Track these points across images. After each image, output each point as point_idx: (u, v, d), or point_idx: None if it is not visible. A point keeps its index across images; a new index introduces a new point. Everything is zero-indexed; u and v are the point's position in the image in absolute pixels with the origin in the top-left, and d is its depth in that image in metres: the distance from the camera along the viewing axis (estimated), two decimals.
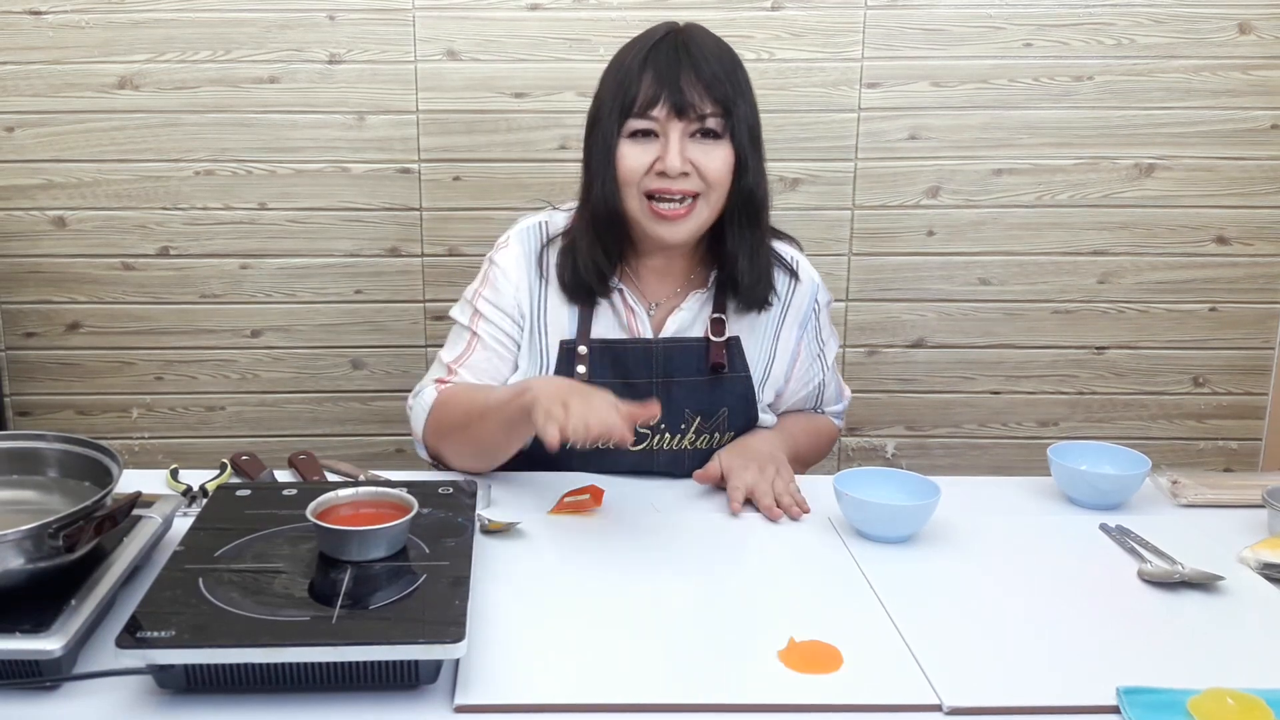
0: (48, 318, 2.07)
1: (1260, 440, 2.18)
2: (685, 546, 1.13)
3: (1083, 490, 1.26)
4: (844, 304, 2.09)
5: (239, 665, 0.83)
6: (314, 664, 0.83)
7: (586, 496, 1.22)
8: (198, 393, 2.12)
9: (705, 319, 1.36)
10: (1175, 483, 1.30)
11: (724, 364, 1.35)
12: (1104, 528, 1.19)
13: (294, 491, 1.11)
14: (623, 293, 1.35)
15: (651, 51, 1.25)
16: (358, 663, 0.83)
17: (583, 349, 1.33)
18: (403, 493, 1.03)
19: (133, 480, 1.08)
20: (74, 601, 0.88)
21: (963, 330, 2.12)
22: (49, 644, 0.82)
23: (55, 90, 1.95)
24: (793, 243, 1.44)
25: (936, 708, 0.85)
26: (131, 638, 0.82)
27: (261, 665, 0.83)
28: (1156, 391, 2.16)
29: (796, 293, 1.40)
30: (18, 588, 0.87)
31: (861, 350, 2.13)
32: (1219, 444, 2.19)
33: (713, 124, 1.25)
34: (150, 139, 1.98)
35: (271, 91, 1.97)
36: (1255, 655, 0.93)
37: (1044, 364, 2.14)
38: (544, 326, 1.35)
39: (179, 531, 1.03)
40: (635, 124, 1.25)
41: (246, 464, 1.32)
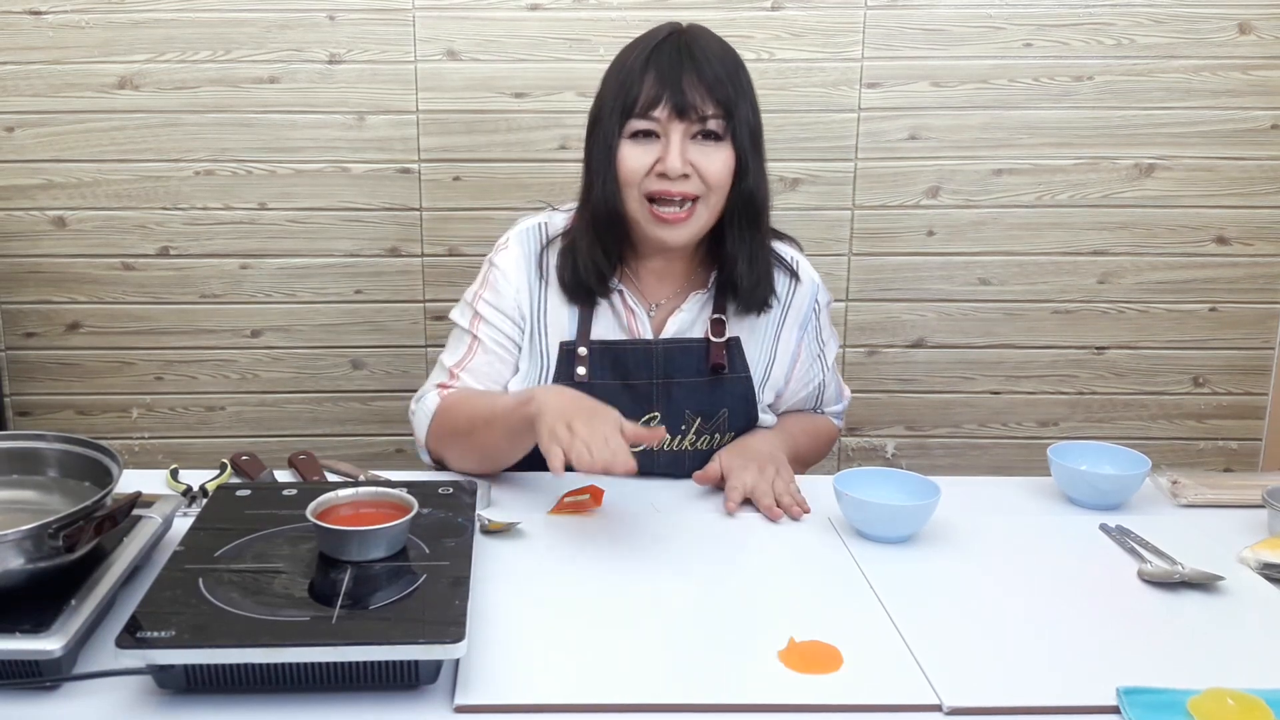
0: (48, 318, 2.07)
1: (1260, 440, 2.18)
2: (685, 546, 1.13)
3: (1083, 490, 1.26)
4: (844, 304, 2.09)
5: (239, 665, 0.83)
6: (314, 664, 0.83)
7: (586, 497, 1.22)
8: (198, 393, 2.12)
9: (705, 320, 1.36)
10: (1175, 483, 1.30)
11: (724, 365, 1.35)
12: (1104, 528, 1.19)
13: (294, 491, 1.11)
14: (623, 294, 1.35)
15: (654, 52, 1.25)
16: (358, 663, 0.83)
17: (582, 350, 1.33)
18: (403, 493, 1.03)
19: (133, 480, 1.08)
20: (74, 601, 0.88)
21: (963, 330, 2.12)
22: (49, 644, 0.82)
23: (55, 90, 1.95)
24: (793, 243, 1.44)
25: (936, 708, 0.85)
26: (131, 638, 0.82)
27: (261, 665, 0.83)
28: (1156, 391, 2.16)
29: (797, 293, 1.40)
30: (18, 588, 0.87)
31: (861, 350, 2.13)
32: (1219, 444, 2.19)
33: (714, 125, 1.24)
34: (150, 139, 1.98)
35: (271, 91, 1.97)
36: (1255, 655, 0.93)
37: (1044, 364, 2.14)
38: (544, 328, 1.35)
39: (179, 531, 1.03)
40: (636, 124, 1.25)
41: (246, 464, 1.32)
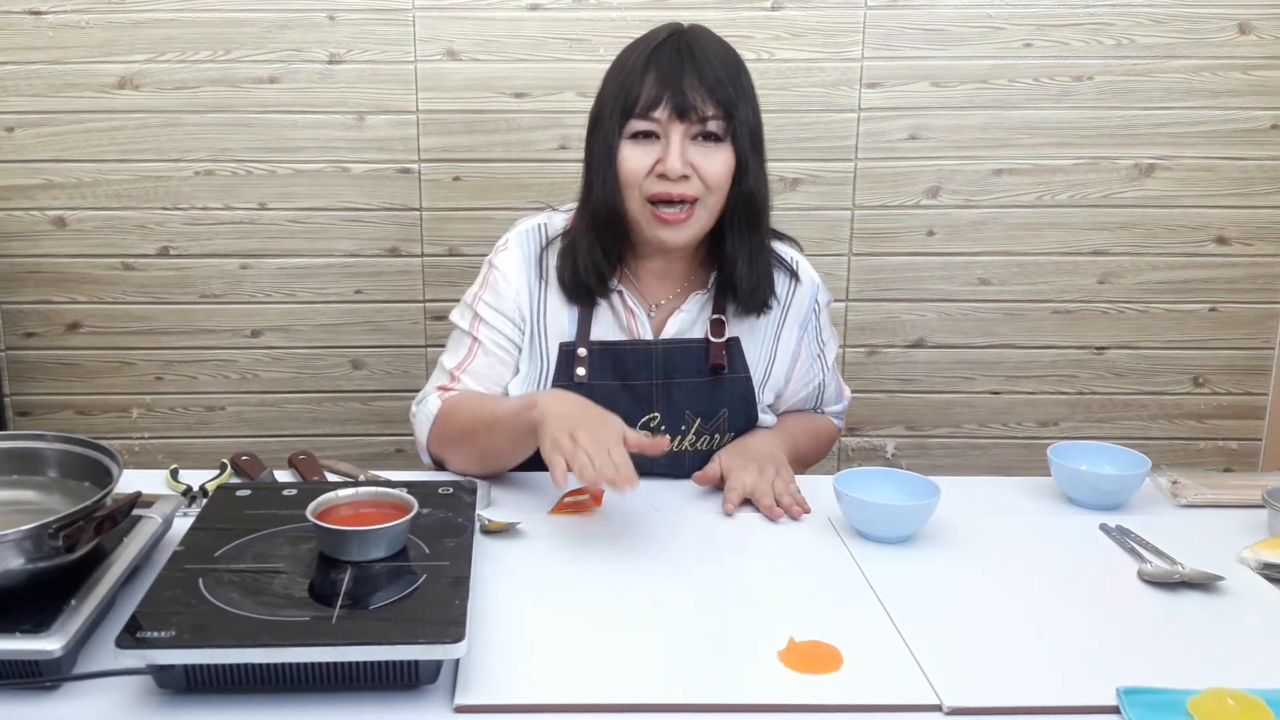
0: (48, 318, 2.07)
1: (1260, 440, 2.18)
2: (685, 546, 1.13)
3: (1083, 490, 1.26)
4: (844, 304, 2.09)
5: (239, 665, 0.83)
6: (314, 664, 0.83)
7: (586, 496, 1.22)
8: (198, 393, 2.12)
9: (705, 320, 1.36)
10: (1175, 483, 1.30)
11: (724, 365, 1.35)
12: (1104, 528, 1.19)
13: (294, 491, 1.11)
14: (622, 295, 1.34)
15: (655, 52, 1.25)
16: (358, 663, 0.83)
17: (582, 351, 1.33)
18: (403, 493, 1.03)
19: (133, 480, 1.08)
20: (74, 601, 0.88)
21: (963, 330, 2.12)
22: (49, 644, 0.82)
23: (55, 90, 1.95)
24: (793, 243, 1.44)
25: (936, 708, 0.85)
26: (131, 638, 0.82)
27: (261, 665, 0.83)
28: (1156, 391, 2.16)
29: (796, 294, 1.40)
30: (18, 588, 0.87)
31: (861, 350, 2.13)
32: (1219, 444, 2.19)
33: (714, 127, 1.24)
34: (150, 139, 1.98)
35: (271, 91, 1.97)
36: (1255, 655, 0.93)
37: (1044, 364, 2.14)
38: (544, 329, 1.35)
39: (179, 531, 1.03)
40: (637, 125, 1.25)
41: (246, 464, 1.32)
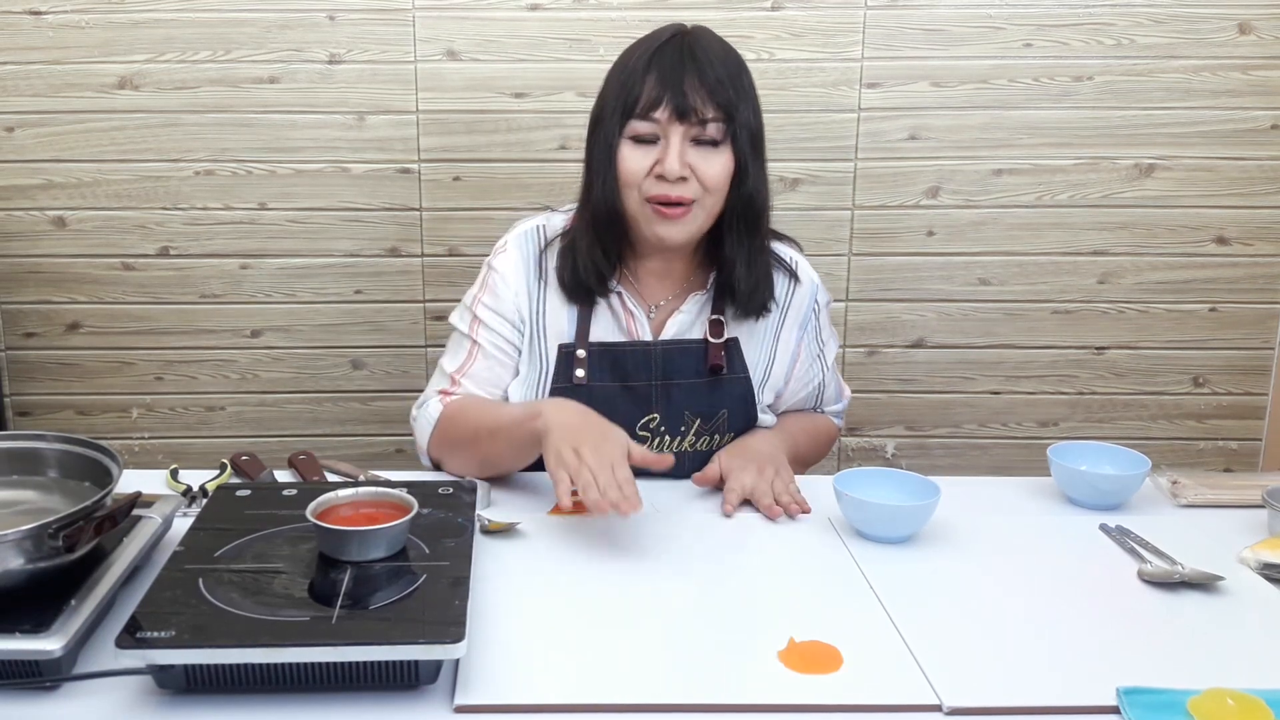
0: (48, 318, 2.07)
1: (1260, 440, 2.18)
2: (685, 546, 1.13)
3: (1083, 490, 1.26)
4: (844, 304, 2.09)
5: (239, 665, 0.83)
6: (314, 664, 0.83)
7: None
8: (198, 393, 2.12)
9: (704, 321, 1.36)
10: (1175, 483, 1.30)
11: (723, 366, 1.35)
12: (1104, 528, 1.19)
13: (294, 491, 1.11)
14: (622, 296, 1.34)
15: (657, 53, 1.24)
16: (358, 663, 0.83)
17: (581, 352, 1.33)
18: (403, 493, 1.03)
19: (133, 480, 1.08)
20: (74, 601, 0.88)
21: (963, 330, 2.12)
22: (49, 644, 0.82)
23: (55, 90, 1.95)
24: (792, 244, 1.44)
25: (936, 708, 0.85)
26: (131, 638, 0.82)
27: (261, 665, 0.83)
28: (1156, 391, 2.16)
29: (796, 294, 1.40)
30: (18, 588, 0.87)
31: (861, 350, 2.13)
32: (1219, 444, 2.19)
33: (713, 129, 1.24)
34: (150, 139, 1.98)
35: (271, 91, 1.97)
36: (1255, 655, 0.93)
37: (1044, 364, 2.14)
38: (543, 330, 1.35)
39: (179, 531, 1.03)
40: (637, 125, 1.25)
41: (246, 464, 1.32)
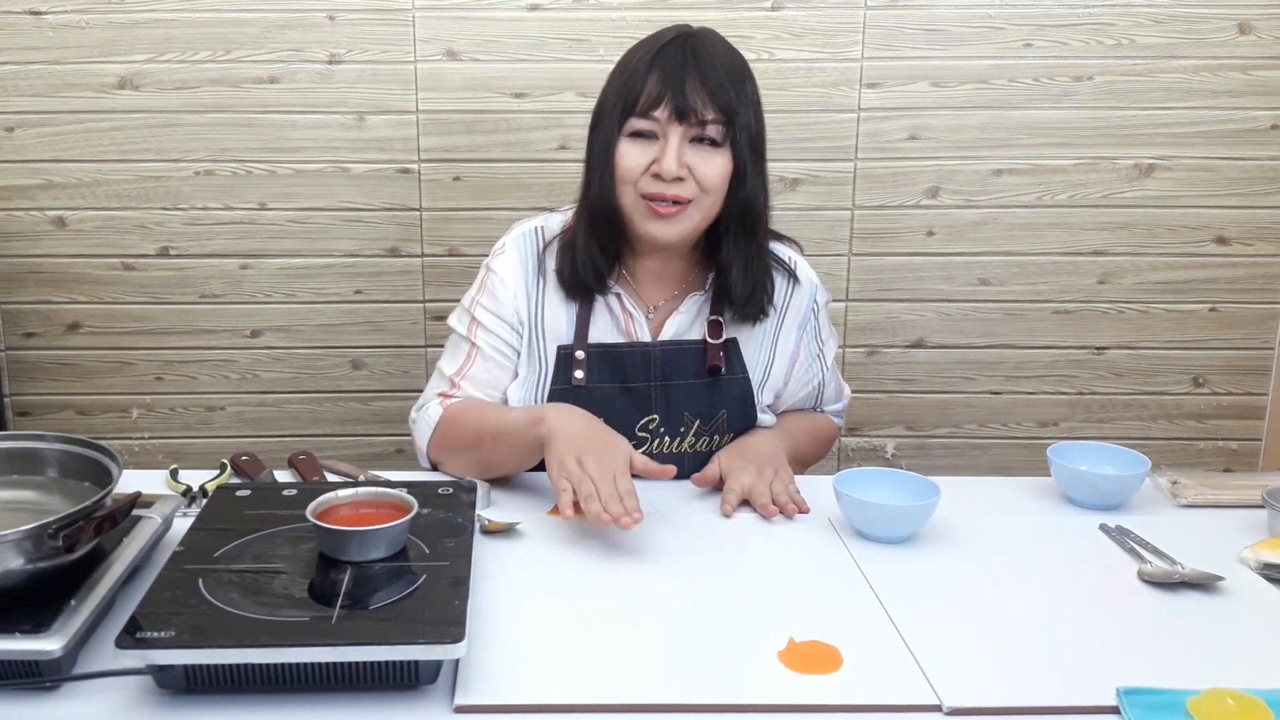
0: (48, 318, 2.07)
1: (1260, 440, 2.18)
2: (685, 547, 1.13)
3: (1083, 490, 1.26)
4: (844, 304, 2.09)
5: (239, 665, 0.83)
6: (314, 664, 0.83)
7: None
8: (198, 393, 2.12)
9: (703, 322, 1.36)
10: (1175, 483, 1.30)
11: (721, 366, 1.35)
12: (1104, 528, 1.19)
13: (294, 492, 1.11)
14: (620, 297, 1.34)
15: (660, 53, 1.24)
16: (357, 663, 0.83)
17: (580, 354, 1.33)
18: (403, 493, 1.03)
19: (133, 480, 1.08)
20: (74, 601, 0.88)
21: (963, 330, 2.12)
22: (49, 644, 0.82)
23: (55, 90, 1.95)
24: (792, 244, 1.43)
25: (936, 708, 0.85)
26: (131, 638, 0.82)
27: (261, 665, 0.83)
28: (1156, 391, 2.16)
29: (795, 294, 1.40)
30: (18, 588, 0.87)
31: (861, 350, 2.13)
32: (1219, 444, 2.19)
33: (713, 131, 1.23)
34: (150, 139, 1.98)
35: (271, 91, 1.97)
36: (1255, 655, 0.93)
37: (1044, 364, 2.14)
38: (542, 332, 1.35)
39: (179, 531, 1.03)
40: (636, 124, 1.25)
41: (246, 464, 1.32)
